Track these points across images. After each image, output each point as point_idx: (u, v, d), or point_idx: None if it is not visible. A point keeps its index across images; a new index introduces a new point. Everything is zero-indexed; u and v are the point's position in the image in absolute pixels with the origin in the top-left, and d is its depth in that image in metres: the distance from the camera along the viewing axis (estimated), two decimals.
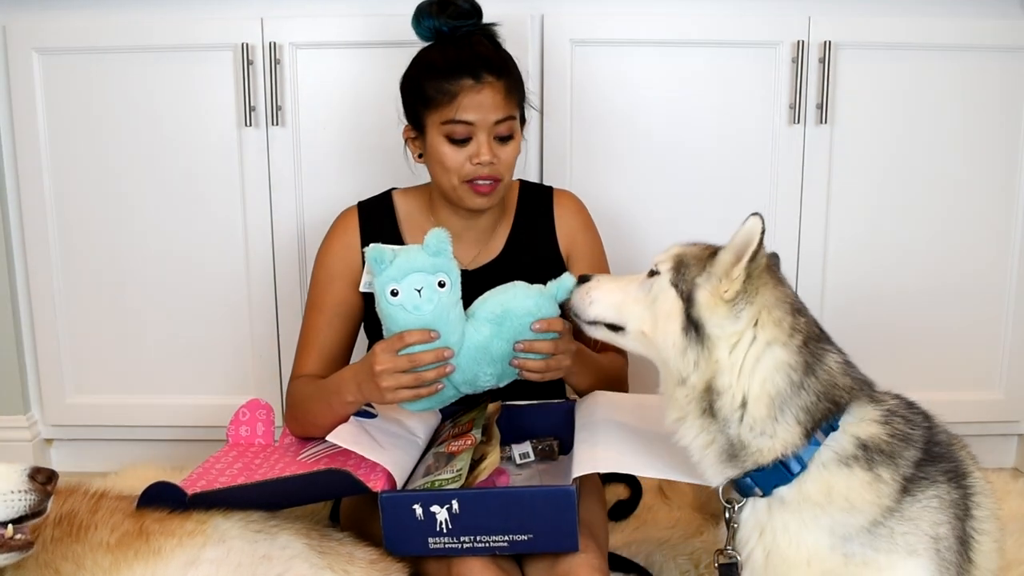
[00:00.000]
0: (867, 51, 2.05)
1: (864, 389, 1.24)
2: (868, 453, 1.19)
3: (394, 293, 1.39)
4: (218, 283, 2.16)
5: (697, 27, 2.05)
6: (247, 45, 2.03)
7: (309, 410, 1.60)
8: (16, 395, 2.24)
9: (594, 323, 1.36)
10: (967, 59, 2.06)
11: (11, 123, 2.10)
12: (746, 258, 1.17)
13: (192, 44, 2.05)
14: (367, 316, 1.69)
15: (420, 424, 1.63)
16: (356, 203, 1.76)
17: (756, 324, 1.20)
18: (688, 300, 1.22)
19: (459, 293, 1.43)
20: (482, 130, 1.57)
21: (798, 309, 1.24)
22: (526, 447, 1.63)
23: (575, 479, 1.34)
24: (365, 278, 1.45)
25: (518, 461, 1.61)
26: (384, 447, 1.49)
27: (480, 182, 1.59)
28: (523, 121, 1.68)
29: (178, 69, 2.06)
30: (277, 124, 2.08)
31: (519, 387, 1.66)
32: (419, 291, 1.39)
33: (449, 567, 1.37)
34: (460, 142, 1.57)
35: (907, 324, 2.18)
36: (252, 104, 2.06)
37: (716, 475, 1.24)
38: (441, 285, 1.40)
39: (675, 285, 1.24)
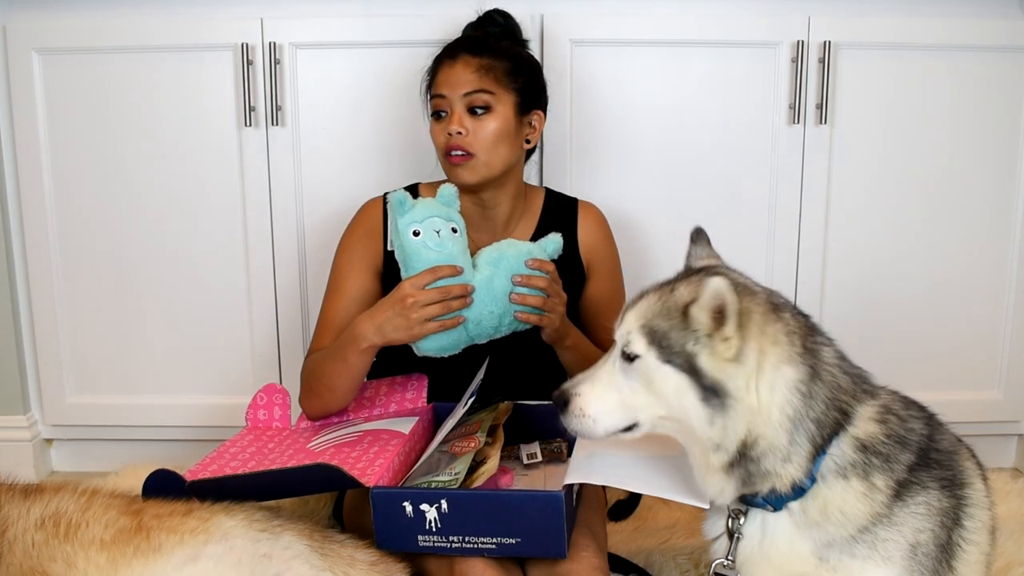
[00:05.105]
0: (867, 51, 2.05)
1: (859, 384, 1.22)
2: (866, 456, 1.17)
3: (416, 234, 1.52)
4: (218, 283, 2.16)
5: (697, 27, 2.05)
6: (247, 45, 2.03)
7: (324, 373, 1.62)
8: (16, 395, 2.24)
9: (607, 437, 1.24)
10: (967, 59, 2.07)
11: (11, 123, 2.10)
12: (733, 322, 1.12)
13: (192, 44, 2.05)
14: None
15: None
16: (382, 193, 1.76)
17: (760, 354, 1.15)
18: (693, 371, 1.15)
19: (467, 242, 1.56)
20: (455, 102, 1.65)
21: (776, 307, 1.19)
22: (534, 448, 1.62)
23: (565, 485, 1.33)
24: (391, 235, 1.57)
25: (526, 461, 1.60)
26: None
27: (453, 152, 1.65)
28: (526, 109, 1.69)
29: (178, 69, 2.06)
30: (277, 124, 2.08)
31: (525, 386, 1.68)
32: (437, 232, 1.52)
33: (451, 566, 1.37)
34: (440, 117, 1.67)
35: (907, 324, 2.18)
36: (252, 104, 2.06)
37: (729, 499, 1.21)
38: (454, 231, 1.54)
39: (668, 361, 1.16)
